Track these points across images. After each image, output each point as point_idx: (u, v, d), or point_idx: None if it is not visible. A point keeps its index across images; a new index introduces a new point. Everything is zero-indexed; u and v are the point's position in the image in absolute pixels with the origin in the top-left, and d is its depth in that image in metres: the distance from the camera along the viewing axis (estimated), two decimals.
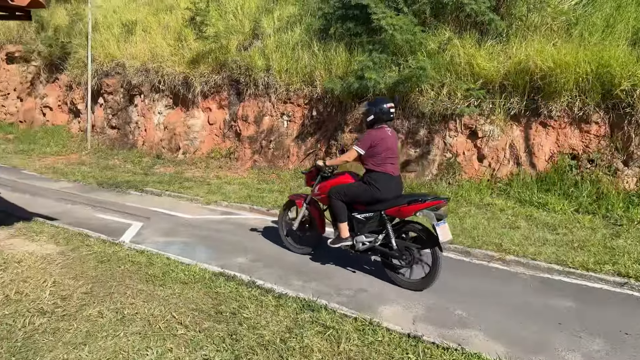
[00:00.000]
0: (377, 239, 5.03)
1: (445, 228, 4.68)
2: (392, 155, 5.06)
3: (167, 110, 13.49)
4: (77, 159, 13.07)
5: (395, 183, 5.06)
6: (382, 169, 4.99)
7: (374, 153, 5.00)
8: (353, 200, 5.14)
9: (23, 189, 8.88)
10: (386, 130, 5.08)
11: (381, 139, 5.00)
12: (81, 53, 15.09)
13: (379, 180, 4.96)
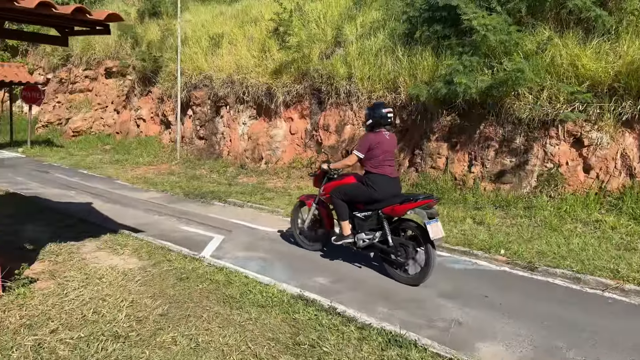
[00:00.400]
0: (375, 237, 5.37)
1: (436, 226, 4.90)
2: (389, 158, 5.41)
3: (251, 120, 13.63)
4: (167, 169, 13.55)
5: (392, 184, 5.38)
6: (380, 171, 5.31)
7: (372, 156, 5.32)
8: (353, 200, 5.50)
9: (115, 200, 9.23)
10: (384, 134, 5.37)
11: (378, 142, 5.30)
12: (172, 67, 15.72)
13: (377, 182, 5.29)
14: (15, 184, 10.41)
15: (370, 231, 5.43)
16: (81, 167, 13.31)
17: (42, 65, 22.88)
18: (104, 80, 19.95)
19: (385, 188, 5.28)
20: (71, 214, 7.49)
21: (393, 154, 5.50)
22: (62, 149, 16.88)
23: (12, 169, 12.67)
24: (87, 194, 9.74)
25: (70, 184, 10.83)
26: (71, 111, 20.49)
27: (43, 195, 9.30)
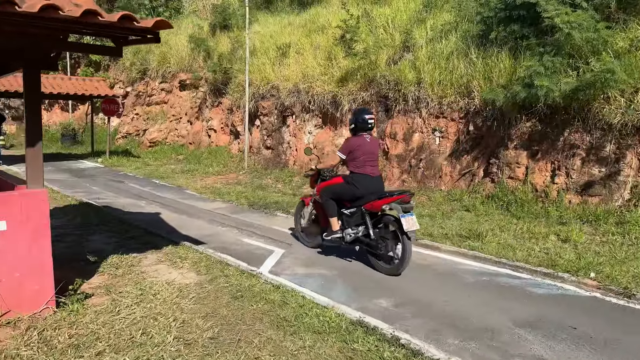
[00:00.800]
0: (359, 231, 5.86)
1: (411, 219, 5.33)
2: (371, 159, 5.87)
3: (316, 129, 13.45)
4: (235, 179, 13.66)
5: (373, 182, 5.84)
6: (362, 171, 5.81)
7: (354, 157, 5.82)
8: (339, 198, 6.00)
9: (182, 210, 9.31)
10: (365, 138, 5.86)
11: (359, 145, 5.80)
12: (240, 78, 15.93)
13: (358, 180, 5.80)
14: (90, 194, 10.84)
15: (355, 226, 5.94)
16: (154, 176, 13.73)
17: (122, 79, 24.16)
18: (178, 92, 20.68)
19: (366, 186, 5.80)
20: (138, 225, 7.58)
21: (375, 155, 5.96)
22: (139, 159, 17.59)
23: (90, 178, 13.29)
24: (157, 204, 9.93)
25: (142, 193, 11.14)
26: (148, 122, 21.42)
27: (114, 205, 9.57)
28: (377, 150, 5.99)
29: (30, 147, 3.70)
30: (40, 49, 3.61)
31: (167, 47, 21.31)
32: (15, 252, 3.66)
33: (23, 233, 3.68)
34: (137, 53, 22.52)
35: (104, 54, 4.91)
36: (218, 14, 19.69)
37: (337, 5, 15.75)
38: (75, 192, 10.96)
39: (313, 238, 6.72)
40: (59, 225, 7.54)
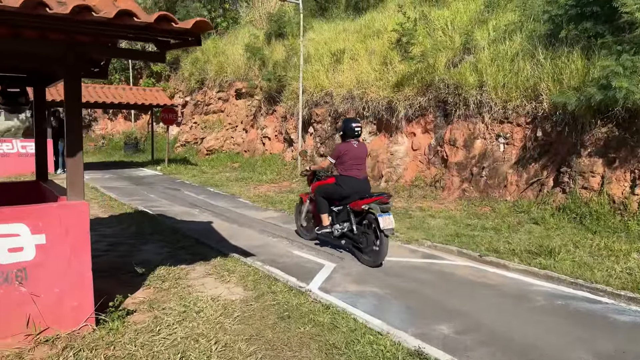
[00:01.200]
0: (344, 227, 6.55)
1: (387, 218, 5.91)
2: (357, 163, 6.51)
3: (370, 136, 13.05)
4: (288, 187, 13.48)
5: (359, 184, 6.48)
6: (348, 174, 6.47)
7: (342, 161, 6.48)
8: (330, 197, 6.69)
9: (234, 219, 9.18)
10: (352, 144, 6.50)
11: (347, 150, 6.45)
12: (294, 85, 15.82)
13: (345, 182, 6.48)
14: (146, 201, 10.97)
15: (342, 223, 6.62)
16: (209, 184, 13.80)
17: (181, 89, 24.80)
18: (234, 101, 20.91)
19: (351, 187, 6.48)
20: (189, 235, 7.49)
21: (362, 159, 6.63)
22: (196, 167, 17.85)
23: (148, 186, 13.53)
24: (209, 212, 9.88)
25: (196, 202, 11.15)
26: (205, 131, 21.79)
27: (168, 214, 9.59)
28: (364, 155, 6.68)
29: (70, 158, 3.57)
30: (80, 54, 3.47)
31: (224, 56, 21.65)
32: (54, 266, 3.53)
33: (62, 247, 3.54)
34: (196, 63, 23.05)
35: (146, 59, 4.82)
36: (273, 22, 19.77)
37: (394, 10, 15.33)
38: (132, 200, 11.13)
39: (310, 232, 7.40)
40: (113, 234, 7.57)
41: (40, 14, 2.58)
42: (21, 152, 14.82)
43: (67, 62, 3.43)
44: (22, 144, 14.89)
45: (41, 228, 3.47)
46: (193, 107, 23.36)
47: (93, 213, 9.34)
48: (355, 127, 6.54)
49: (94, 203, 10.47)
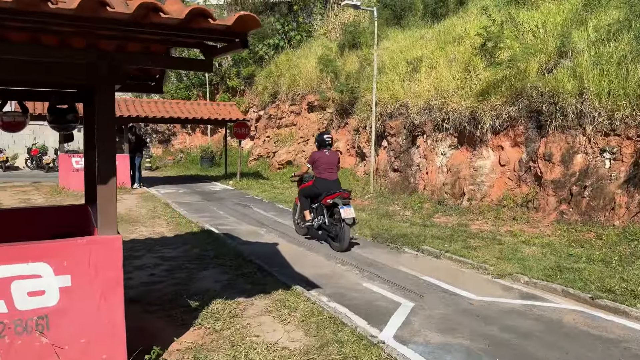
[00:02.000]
0: (320, 219, 8.06)
1: (348, 210, 7.48)
2: (329, 167, 8.07)
3: (450, 150, 11.98)
4: (360, 204, 12.71)
5: (330, 184, 8.01)
6: (321, 176, 8.04)
7: (316, 166, 8.07)
8: (309, 196, 8.22)
9: (301, 241, 8.57)
10: (324, 152, 8.11)
11: (319, 157, 8.06)
12: (367, 96, 15.09)
13: (318, 183, 8.07)
14: (214, 219, 10.65)
15: (318, 217, 8.03)
16: (278, 200, 13.34)
17: (255, 103, 24.89)
18: (306, 114, 20.54)
19: (324, 186, 7.91)
20: (252, 260, 6.92)
21: (332, 164, 8.08)
22: (267, 182, 17.56)
23: (218, 202, 13.30)
24: (276, 232, 9.33)
25: (263, 219, 10.67)
26: (278, 145, 21.59)
27: (235, 232, 9.15)
28: (334, 161, 8.18)
29: (102, 185, 3.05)
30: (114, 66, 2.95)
31: (297, 69, 21.40)
32: (81, 313, 3.00)
33: (91, 289, 3.01)
34: (269, 77, 23.01)
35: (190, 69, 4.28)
36: (347, 33, 19.23)
37: (475, 14, 14.22)
38: (200, 217, 10.86)
39: (302, 229, 8.64)
40: (175, 257, 7.18)
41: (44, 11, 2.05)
42: None
43: (99, 73, 2.92)
44: None
45: (66, 268, 2.96)
46: (266, 120, 23.31)
47: (160, 231, 9.10)
48: (326, 138, 8.27)
49: (162, 220, 10.30)
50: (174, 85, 26.55)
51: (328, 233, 7.90)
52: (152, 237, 8.59)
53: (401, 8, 18.87)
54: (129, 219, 10.43)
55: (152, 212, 11.31)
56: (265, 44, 25.21)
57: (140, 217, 10.62)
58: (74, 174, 14.88)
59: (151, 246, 7.88)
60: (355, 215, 7.62)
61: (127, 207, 12.01)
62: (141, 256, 7.25)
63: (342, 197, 7.68)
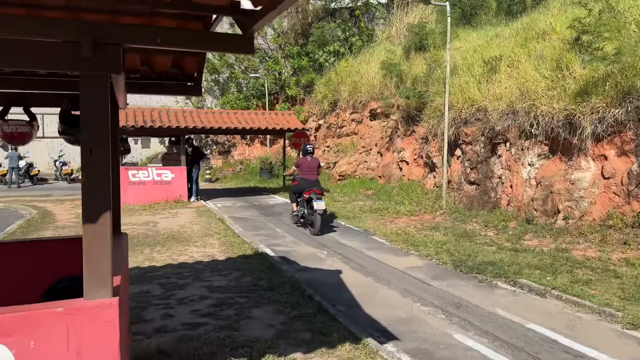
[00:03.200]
0: (302, 210, 10.33)
1: (319, 203, 9.61)
2: (309, 171, 10.24)
3: (540, 160, 10.36)
4: (431, 221, 11.34)
5: (309, 183, 10.13)
6: (304, 176, 10.28)
7: (300, 169, 10.35)
8: (295, 192, 10.63)
9: (367, 268, 7.35)
10: (306, 158, 10.37)
11: (302, 162, 10.36)
12: (438, 101, 13.70)
13: (301, 182, 10.34)
14: (270, 238, 9.68)
15: (301, 208, 10.37)
16: (340, 216, 12.20)
17: (314, 112, 24.01)
18: (368, 122, 19.36)
19: (305, 184, 10.17)
20: (312, 294, 5.81)
21: (313, 168, 10.32)
22: (327, 194, 16.45)
23: (276, 218, 12.34)
24: (339, 256, 8.18)
25: (324, 239, 9.56)
26: (338, 155, 20.52)
27: (292, 256, 8.10)
28: (314, 165, 10.31)
29: (89, 222, 2.02)
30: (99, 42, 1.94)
31: (358, 76, 20.31)
32: None
33: None
34: (329, 84, 22.05)
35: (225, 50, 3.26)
36: (414, 34, 17.91)
37: (559, 9, 12.57)
38: (256, 235, 9.92)
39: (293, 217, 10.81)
40: (224, 287, 6.20)
41: None
42: (156, 180, 14.74)
43: (81, 55, 1.92)
44: (157, 171, 14.83)
45: (33, 350, 1.95)
46: (326, 130, 22.34)
47: (211, 253, 8.20)
48: (309, 147, 10.41)
49: (215, 239, 9.44)
50: (234, 95, 26.22)
51: (307, 222, 10.14)
52: (202, 261, 7.70)
53: (471, 7, 17.36)
54: (180, 237, 9.65)
55: (205, 229, 10.51)
56: (325, 50, 24.34)
57: (192, 236, 9.82)
58: (130, 188, 14.49)
59: (199, 272, 6.97)
60: (325, 207, 9.83)
61: (180, 224, 11.29)
62: (187, 285, 6.33)
63: (315, 193, 9.77)
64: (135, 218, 12.15)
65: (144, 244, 8.98)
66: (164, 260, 7.80)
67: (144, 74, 4.00)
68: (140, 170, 14.76)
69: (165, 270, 7.14)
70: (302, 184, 10.25)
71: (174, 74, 4.04)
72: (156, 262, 7.69)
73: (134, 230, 10.40)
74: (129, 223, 11.40)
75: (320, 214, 9.60)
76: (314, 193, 9.75)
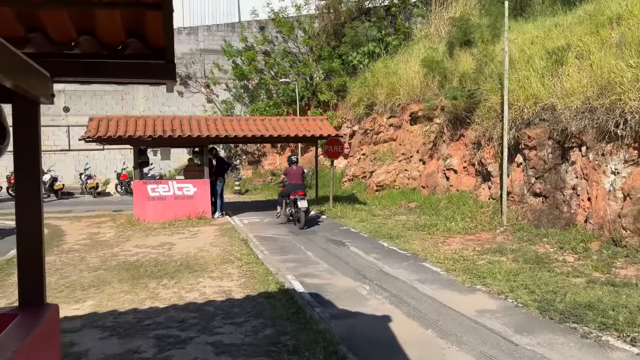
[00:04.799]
0: (290, 210, 12.18)
1: (302, 202, 11.52)
2: (295, 177, 12.32)
3: (627, 167, 8.46)
4: (491, 241, 9.57)
5: (296, 187, 12.00)
6: (290, 182, 12.24)
7: (288, 176, 12.44)
8: (284, 195, 12.45)
9: (425, 314, 5.68)
10: (292, 167, 12.47)
11: (289, 171, 12.51)
12: (493, 100, 11.92)
13: (288, 186, 12.24)
14: (300, 264, 8.14)
15: (288, 208, 12.29)
16: (381, 235, 10.55)
17: (349, 117, 22.44)
18: (408, 127, 17.64)
19: (291, 189, 12.01)
20: (350, 358, 4.20)
21: (298, 175, 12.39)
22: (364, 207, 14.87)
23: (307, 237, 10.81)
24: (385, 293, 6.55)
25: (364, 268, 7.95)
26: (375, 163, 18.86)
27: (325, 292, 6.52)
28: (298, 173, 12.45)
29: None
30: None
31: (395, 77, 18.66)
32: None
33: None
34: (364, 87, 20.46)
35: None
36: (457, 28, 16.12)
37: None
38: (283, 261, 8.41)
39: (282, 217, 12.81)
40: (235, 346, 4.68)
41: None
42: (177, 195, 13.45)
43: None
44: (178, 185, 13.55)
45: None
46: (361, 136, 20.72)
47: (227, 288, 6.73)
48: (292, 157, 12.78)
49: (234, 268, 7.96)
50: (264, 102, 24.93)
51: (294, 219, 11.97)
52: (214, 301, 6.22)
53: None
54: (195, 265, 8.23)
55: (225, 253, 9.07)
56: (360, 52, 22.78)
57: (209, 262, 8.39)
58: (149, 204, 13.26)
59: (209, 319, 5.48)
60: (308, 206, 11.76)
61: (198, 246, 9.90)
62: (189, 341, 4.84)
63: (298, 194, 11.63)
64: (151, 239, 10.84)
65: (151, 275, 7.59)
66: (169, 298, 6.36)
67: (88, 48, 2.53)
68: (160, 184, 13.50)
69: (167, 315, 5.69)
70: (289, 188, 12.14)
71: (136, 47, 2.56)
72: (159, 301, 6.26)
73: (146, 256, 9.06)
74: (142, 245, 10.09)
75: (304, 211, 11.57)
76: (298, 195, 11.63)
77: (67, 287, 7.03)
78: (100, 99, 23.90)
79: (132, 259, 8.81)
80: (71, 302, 6.38)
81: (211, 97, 25.28)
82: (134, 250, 9.61)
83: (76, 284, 7.19)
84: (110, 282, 7.24)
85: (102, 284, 7.19)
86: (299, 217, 11.69)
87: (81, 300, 6.42)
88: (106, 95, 23.99)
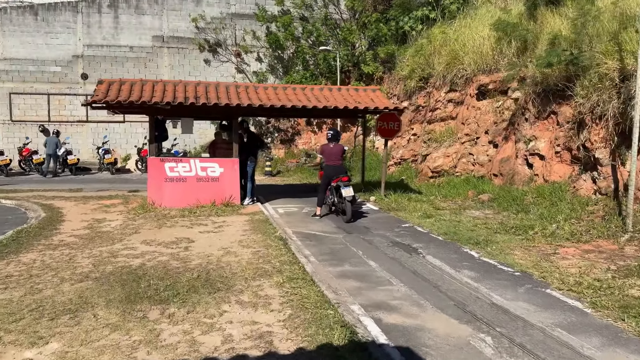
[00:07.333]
0: (333, 198, 10.16)
1: (347, 189, 9.54)
2: (333, 157, 10.10)
3: None
4: (619, 253, 6.96)
5: (336, 169, 10.02)
6: (329, 163, 10.14)
7: (324, 155, 10.26)
8: (325, 182, 10.22)
9: None
10: (329, 145, 10.16)
11: (324, 149, 10.24)
12: (608, 65, 9.11)
13: (326, 168, 10.21)
14: (367, 284, 5.67)
15: (331, 196, 10.20)
16: (463, 240, 8.00)
17: (396, 92, 19.71)
18: (473, 102, 14.86)
19: (330, 172, 10.06)
20: None
21: (336, 154, 10.12)
22: (422, 198, 12.29)
23: (363, 236, 8.35)
24: (520, 350, 4.05)
25: (466, 297, 5.44)
26: (430, 145, 16.17)
27: (422, 348, 4.06)
28: (338, 152, 10.16)
29: None
30: None
31: (457, 44, 15.80)
32: None
33: None
34: (418, 56, 17.68)
35: None
36: None
37: None
38: (340, 277, 6.00)
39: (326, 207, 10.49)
40: None
41: None
42: (200, 176, 11.13)
43: None
44: (201, 164, 11.22)
45: None
46: (412, 114, 18.02)
47: (265, 329, 4.36)
48: (329, 134, 10.26)
49: (274, 286, 5.58)
50: (299, 74, 22.38)
51: (337, 209, 10.10)
52: (246, 356, 3.83)
53: None
54: (217, 277, 5.89)
55: (259, 260, 6.70)
56: (412, 17, 19.90)
57: (237, 274, 6.03)
58: (167, 185, 10.99)
59: None
60: (354, 194, 9.66)
61: (224, 246, 7.56)
62: None
63: (342, 180, 9.82)
64: (165, 232, 8.55)
65: (154, 295, 5.25)
66: (173, 347, 4.01)
67: None
68: (180, 163, 11.18)
69: None
70: (328, 171, 10.18)
71: None
72: (159, 352, 3.91)
73: (153, 259, 6.76)
74: (152, 242, 7.81)
75: (350, 200, 9.52)
76: (341, 181, 9.83)
77: (31, 312, 4.77)
78: (122, 66, 21.77)
79: (135, 263, 6.52)
80: (25, 343, 4.11)
81: (242, 67, 22.90)
82: (139, 249, 7.33)
83: (46, 307, 4.92)
84: (95, 306, 4.94)
85: (82, 308, 4.90)
86: (343, 208, 9.62)
87: (41, 341, 4.14)
88: (128, 62, 21.85)
